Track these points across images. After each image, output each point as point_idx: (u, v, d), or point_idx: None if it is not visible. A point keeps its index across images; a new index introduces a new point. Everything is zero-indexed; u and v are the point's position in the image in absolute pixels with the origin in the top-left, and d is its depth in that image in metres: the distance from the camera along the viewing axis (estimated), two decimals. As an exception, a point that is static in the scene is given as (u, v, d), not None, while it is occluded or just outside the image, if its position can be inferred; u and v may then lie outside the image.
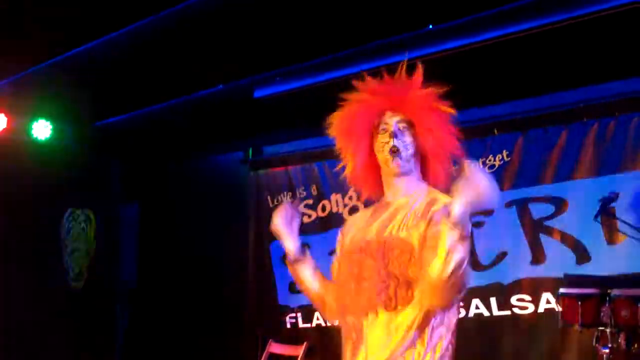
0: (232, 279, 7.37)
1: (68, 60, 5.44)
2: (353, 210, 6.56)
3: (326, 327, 6.64)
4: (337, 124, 2.56)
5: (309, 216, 6.88)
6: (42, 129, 7.05)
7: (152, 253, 8.17)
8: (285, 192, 7.04)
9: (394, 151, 2.34)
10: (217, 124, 6.96)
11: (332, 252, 7.45)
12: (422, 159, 2.42)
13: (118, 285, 8.06)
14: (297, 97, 5.85)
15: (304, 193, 6.93)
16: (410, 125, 2.38)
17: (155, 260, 8.11)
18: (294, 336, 6.71)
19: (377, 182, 2.49)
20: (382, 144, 2.38)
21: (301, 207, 6.92)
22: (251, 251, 7.29)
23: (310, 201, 6.88)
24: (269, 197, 7.16)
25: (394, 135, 2.35)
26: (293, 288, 6.94)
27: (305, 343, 6.49)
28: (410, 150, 2.37)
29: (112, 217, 8.08)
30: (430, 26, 4.79)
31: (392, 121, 2.37)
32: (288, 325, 6.92)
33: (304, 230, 6.85)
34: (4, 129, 6.74)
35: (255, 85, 5.91)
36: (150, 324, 7.97)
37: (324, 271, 2.62)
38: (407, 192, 2.40)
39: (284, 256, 7.45)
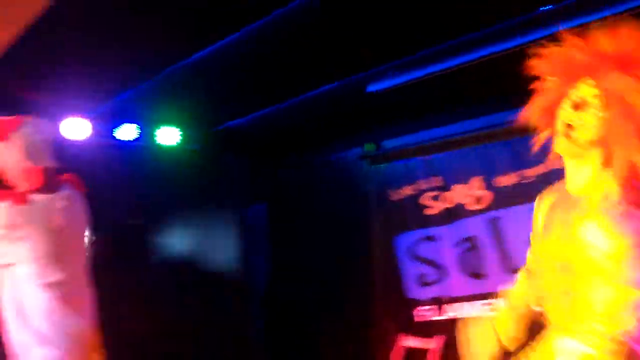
0: (359, 275, 7.38)
1: (190, 65, 5.59)
2: (479, 200, 6.42)
3: (457, 319, 6.55)
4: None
5: (433, 208, 6.79)
6: (168, 135, 7.29)
7: (283, 253, 8.28)
8: (407, 185, 6.98)
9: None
10: (335, 121, 6.99)
11: (458, 244, 7.26)
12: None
13: (250, 284, 8.23)
14: (413, 89, 5.78)
15: (426, 185, 6.84)
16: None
17: (286, 260, 8.22)
18: (425, 329, 6.66)
19: None
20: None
21: (424, 199, 6.84)
22: (376, 246, 7.27)
23: (433, 193, 6.78)
24: (390, 191, 7.11)
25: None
26: (422, 280, 6.88)
27: (442, 336, 6.40)
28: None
29: (240, 218, 8.25)
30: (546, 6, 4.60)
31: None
32: (419, 319, 6.86)
33: (429, 222, 6.82)
34: (132, 136, 7.02)
35: (369, 79, 5.89)
36: (283, 323, 8.09)
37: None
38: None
39: (410, 248, 7.36)
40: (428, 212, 6.81)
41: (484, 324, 2.52)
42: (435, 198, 6.78)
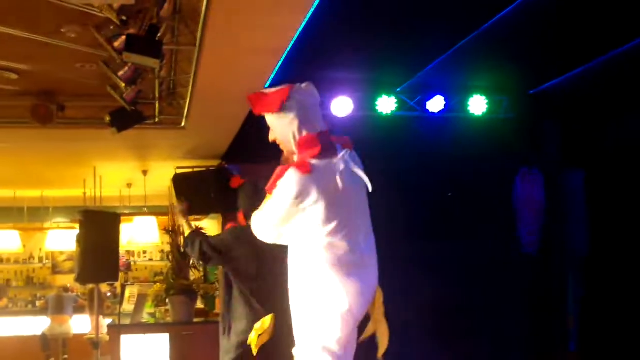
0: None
1: (491, 31, 5.45)
2: None
3: None
4: None
5: None
6: (477, 104, 7.22)
7: (603, 220, 7.78)
8: None
9: None
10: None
11: None
12: None
13: (568, 253, 7.89)
14: None
15: None
16: None
17: (606, 227, 7.71)
18: None
19: None
20: None
21: None
22: None
23: None
24: None
25: None
26: None
27: None
28: None
29: (556, 184, 7.92)
30: None
31: None
32: None
33: None
34: (441, 109, 7.09)
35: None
36: (606, 293, 7.63)
37: None
38: None
39: None
40: None
41: None
42: None
